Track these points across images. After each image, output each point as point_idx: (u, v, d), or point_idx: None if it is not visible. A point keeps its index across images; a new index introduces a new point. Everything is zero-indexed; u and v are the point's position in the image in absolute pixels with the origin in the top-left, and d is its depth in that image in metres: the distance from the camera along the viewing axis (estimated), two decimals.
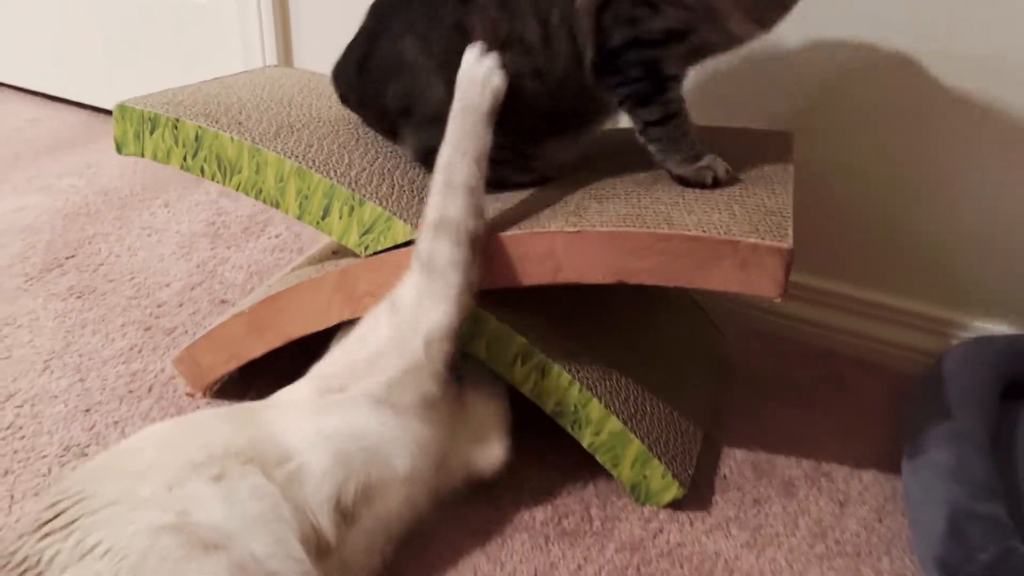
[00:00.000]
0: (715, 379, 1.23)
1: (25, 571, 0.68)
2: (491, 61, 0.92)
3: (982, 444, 0.96)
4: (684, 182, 0.98)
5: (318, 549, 0.78)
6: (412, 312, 0.89)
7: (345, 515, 0.81)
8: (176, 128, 1.01)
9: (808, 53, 1.22)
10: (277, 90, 1.16)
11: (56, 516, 0.71)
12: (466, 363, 1.00)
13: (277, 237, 1.59)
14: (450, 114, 0.92)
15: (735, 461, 1.11)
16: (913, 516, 0.94)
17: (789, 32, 1.21)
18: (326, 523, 0.80)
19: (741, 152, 1.09)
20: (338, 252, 1.03)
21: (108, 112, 2.07)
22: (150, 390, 1.16)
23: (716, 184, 0.97)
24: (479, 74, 0.92)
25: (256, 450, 0.80)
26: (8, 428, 1.08)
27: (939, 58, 1.15)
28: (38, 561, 0.68)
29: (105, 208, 1.65)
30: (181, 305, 1.36)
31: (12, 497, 0.98)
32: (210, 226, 1.62)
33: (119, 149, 1.05)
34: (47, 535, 0.70)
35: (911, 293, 1.29)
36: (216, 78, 1.20)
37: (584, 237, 0.89)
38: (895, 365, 1.31)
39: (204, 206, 1.69)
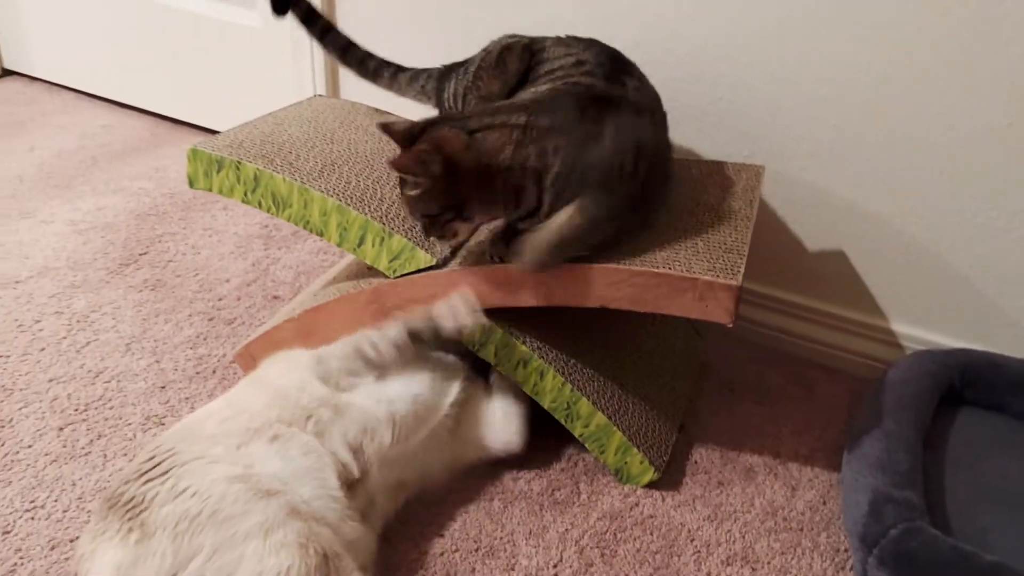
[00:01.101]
0: (693, 380, 1.41)
1: (133, 507, 0.90)
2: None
3: (909, 441, 1.13)
4: None
5: (348, 481, 1.00)
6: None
7: (357, 452, 1.03)
8: (238, 169, 1.19)
9: (782, 93, 1.37)
10: (322, 124, 1.34)
11: (154, 467, 0.93)
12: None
13: (322, 241, 1.79)
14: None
15: (706, 449, 1.29)
16: (845, 499, 1.12)
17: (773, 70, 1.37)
18: (347, 459, 1.01)
19: (714, 185, 1.26)
20: (372, 268, 1.22)
21: (171, 120, 2.29)
22: (214, 372, 1.38)
23: None
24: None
25: (291, 414, 1.02)
26: (99, 399, 1.30)
27: (900, 99, 1.30)
28: (142, 500, 0.90)
29: (172, 209, 1.87)
30: (239, 299, 1.58)
31: (105, 456, 1.20)
32: (263, 228, 1.83)
33: (191, 184, 1.23)
34: (148, 480, 0.92)
35: (873, 310, 1.46)
36: (270, 114, 1.37)
37: (572, 270, 1.07)
38: (856, 371, 1.48)
39: (258, 210, 1.89)
